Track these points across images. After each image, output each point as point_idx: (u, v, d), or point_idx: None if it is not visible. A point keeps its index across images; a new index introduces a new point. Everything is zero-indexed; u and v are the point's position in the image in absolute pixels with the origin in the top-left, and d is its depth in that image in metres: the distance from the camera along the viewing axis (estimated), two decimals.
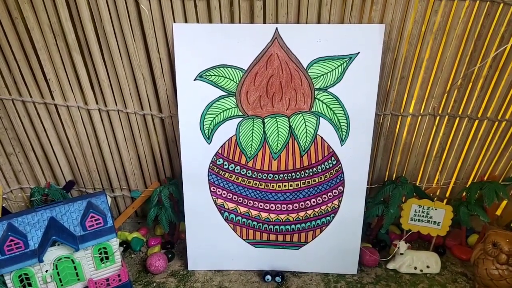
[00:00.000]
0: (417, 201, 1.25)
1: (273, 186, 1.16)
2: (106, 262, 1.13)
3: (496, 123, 1.20)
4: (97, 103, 1.18)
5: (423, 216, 1.26)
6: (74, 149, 1.27)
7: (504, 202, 1.41)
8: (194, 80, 1.07)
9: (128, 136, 1.25)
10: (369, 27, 1.01)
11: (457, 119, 1.20)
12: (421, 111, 1.19)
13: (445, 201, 1.39)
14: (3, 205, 1.27)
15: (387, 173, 1.34)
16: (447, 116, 1.20)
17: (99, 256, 1.11)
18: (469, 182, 1.34)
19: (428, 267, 1.24)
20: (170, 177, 1.33)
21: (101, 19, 1.02)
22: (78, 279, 1.11)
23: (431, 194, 1.37)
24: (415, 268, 1.23)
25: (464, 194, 1.30)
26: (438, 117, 1.20)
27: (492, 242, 1.12)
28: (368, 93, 1.06)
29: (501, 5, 0.99)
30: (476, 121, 1.20)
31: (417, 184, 1.35)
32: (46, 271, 1.06)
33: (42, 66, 1.11)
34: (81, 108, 1.19)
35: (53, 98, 1.16)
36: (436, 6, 1.00)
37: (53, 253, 1.05)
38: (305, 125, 1.10)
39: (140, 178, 1.35)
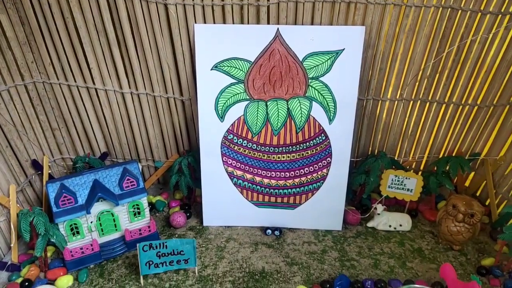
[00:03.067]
0: (394, 172, 1.50)
1: (273, 157, 1.42)
2: (138, 216, 1.40)
3: (460, 107, 1.44)
4: (129, 87, 1.43)
5: (398, 184, 1.51)
6: (109, 126, 1.53)
7: (471, 175, 1.66)
8: (211, 69, 1.31)
9: (154, 116, 1.51)
10: (352, 28, 1.25)
11: (427, 103, 1.44)
12: (397, 97, 1.43)
13: (419, 173, 1.63)
14: (49, 171, 1.55)
15: (370, 148, 1.59)
16: (419, 101, 1.44)
17: (133, 211, 1.38)
18: (440, 157, 1.59)
19: (400, 225, 1.50)
20: (188, 149, 1.59)
21: (136, 20, 1.26)
22: (116, 229, 1.39)
23: (408, 167, 1.62)
24: (390, 226, 1.50)
25: (434, 166, 1.56)
26: (411, 102, 1.44)
27: (452, 205, 1.38)
28: (351, 81, 1.30)
29: (459, 11, 1.22)
30: (444, 105, 1.44)
31: (395, 158, 1.60)
32: (91, 222, 1.33)
33: (86, 57, 1.35)
34: (117, 92, 1.44)
35: (94, 83, 1.42)
36: (407, 12, 1.23)
37: (97, 208, 1.32)
38: (300, 107, 1.35)
39: (163, 150, 1.61)
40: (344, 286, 1.23)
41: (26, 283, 1.22)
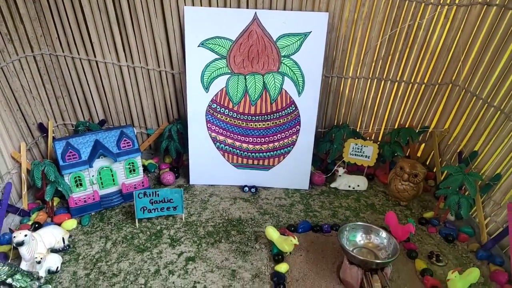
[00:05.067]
0: (354, 140, 1.75)
1: (251, 125, 1.65)
2: (133, 173, 1.62)
3: (410, 84, 1.69)
4: (126, 61, 1.64)
5: (358, 151, 1.77)
6: (107, 95, 1.73)
7: (422, 146, 1.93)
8: (198, 46, 1.53)
9: (148, 87, 1.72)
10: (318, 14, 1.48)
11: (383, 81, 1.69)
12: (357, 75, 1.67)
13: (378, 143, 1.89)
14: (53, 135, 1.75)
15: (335, 120, 1.83)
16: (375, 79, 1.68)
17: (129, 168, 1.60)
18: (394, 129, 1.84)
19: (358, 186, 1.75)
20: (177, 118, 1.81)
21: (134, 1, 1.47)
22: (114, 183, 1.61)
23: (368, 138, 1.87)
24: (349, 186, 1.75)
25: (388, 137, 1.81)
26: (369, 80, 1.69)
27: (400, 166, 1.64)
28: (317, 60, 1.53)
29: (407, 1, 1.46)
30: (396, 83, 1.69)
31: (357, 129, 1.85)
32: (93, 176, 1.55)
33: (89, 32, 1.55)
34: (115, 65, 1.64)
35: (95, 56, 1.62)
36: (363, 1, 1.47)
37: (98, 164, 1.54)
38: (274, 81, 1.58)
39: (155, 119, 1.82)
40: (306, 229, 1.48)
41: (36, 225, 1.44)
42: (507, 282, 1.29)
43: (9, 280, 1.01)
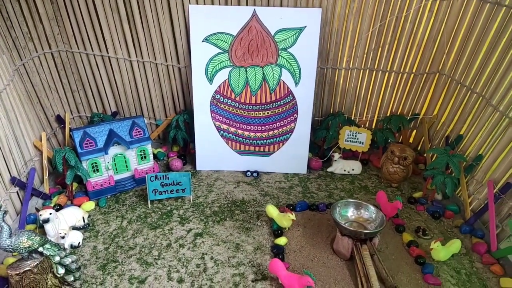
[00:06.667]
0: (349, 127, 1.88)
1: (252, 114, 1.78)
2: (145, 160, 1.76)
3: (400, 74, 1.82)
4: (136, 56, 1.77)
5: (352, 138, 1.89)
6: (119, 88, 1.87)
7: (414, 132, 2.05)
8: (202, 41, 1.66)
9: (156, 80, 1.85)
10: (312, 10, 1.60)
11: (374, 72, 1.81)
12: (350, 66, 1.80)
13: (371, 130, 2.01)
14: (70, 126, 1.89)
15: (331, 109, 1.96)
16: (367, 70, 1.81)
17: (140, 155, 1.74)
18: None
19: (353, 170, 1.88)
20: (184, 109, 1.95)
21: (143, 0, 1.60)
22: (127, 169, 1.75)
23: (362, 125, 2.00)
24: (345, 170, 1.88)
25: (381, 124, 1.93)
26: (361, 70, 1.81)
27: (390, 151, 1.76)
28: (312, 52, 1.65)
29: None
30: (386, 73, 1.82)
31: (352, 117, 1.97)
32: (108, 162, 1.69)
33: (102, 30, 1.69)
34: (126, 60, 1.78)
35: (107, 52, 1.75)
36: None
37: (112, 151, 1.68)
38: (273, 73, 1.71)
39: (163, 110, 1.96)
40: (304, 208, 1.62)
41: (58, 207, 1.58)
42: (486, 252, 1.42)
43: (40, 249, 1.16)
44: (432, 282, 1.30)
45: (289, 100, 1.75)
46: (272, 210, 1.50)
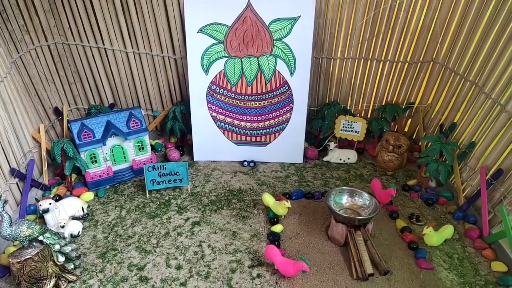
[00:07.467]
0: (344, 117, 1.90)
1: (248, 104, 1.80)
2: (142, 151, 1.78)
3: (394, 63, 1.83)
4: (132, 48, 1.78)
5: (348, 127, 1.91)
6: (116, 80, 1.88)
7: (409, 122, 2.07)
8: (197, 32, 1.67)
9: (152, 72, 1.86)
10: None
11: (369, 61, 1.82)
12: (345, 56, 1.81)
13: (367, 119, 2.03)
14: (67, 118, 1.91)
15: (327, 99, 1.98)
16: (362, 59, 1.82)
17: (138, 146, 1.76)
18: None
19: (348, 159, 1.90)
20: (180, 100, 1.96)
21: None
22: (125, 160, 1.77)
23: (357, 114, 2.02)
24: (340, 159, 1.90)
25: (376, 113, 1.95)
26: (356, 60, 1.82)
27: (385, 139, 1.78)
28: (307, 42, 1.66)
29: None
30: (381, 62, 1.83)
31: (348, 107, 1.99)
32: (106, 153, 1.71)
33: (98, 22, 1.70)
34: (122, 51, 1.79)
35: (103, 44, 1.76)
36: None
37: (110, 142, 1.70)
38: (268, 63, 1.72)
39: (159, 101, 1.97)
40: (299, 196, 1.65)
41: (57, 197, 1.60)
42: (478, 237, 1.45)
43: (40, 237, 1.18)
44: (424, 266, 1.33)
45: (285, 90, 1.76)
46: (268, 199, 1.53)
